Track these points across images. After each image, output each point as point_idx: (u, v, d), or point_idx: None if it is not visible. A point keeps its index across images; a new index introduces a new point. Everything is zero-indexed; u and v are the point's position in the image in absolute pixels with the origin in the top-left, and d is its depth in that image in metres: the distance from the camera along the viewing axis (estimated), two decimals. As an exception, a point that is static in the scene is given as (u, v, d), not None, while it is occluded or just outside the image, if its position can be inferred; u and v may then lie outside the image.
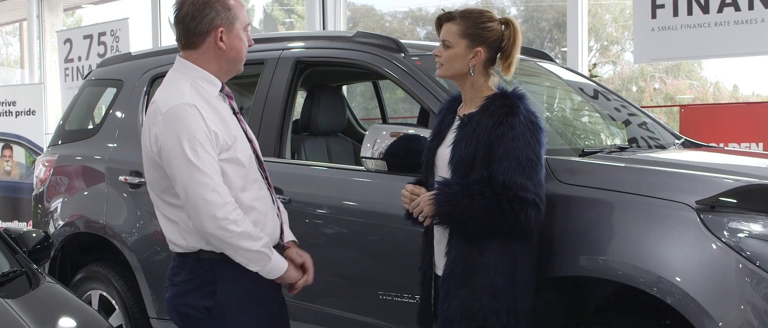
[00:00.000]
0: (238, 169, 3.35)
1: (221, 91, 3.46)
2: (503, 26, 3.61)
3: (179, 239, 3.38)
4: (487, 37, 3.58)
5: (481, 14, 3.62)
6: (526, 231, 3.43)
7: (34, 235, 4.34)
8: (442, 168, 3.60)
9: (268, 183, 3.55)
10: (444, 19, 3.66)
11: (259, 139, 4.78)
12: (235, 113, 3.49)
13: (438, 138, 3.70)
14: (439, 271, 3.61)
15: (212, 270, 3.35)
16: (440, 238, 3.64)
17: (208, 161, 3.21)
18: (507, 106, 3.46)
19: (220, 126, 3.31)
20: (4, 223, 11.14)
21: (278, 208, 3.60)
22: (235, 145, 3.34)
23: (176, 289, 3.42)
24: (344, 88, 6.82)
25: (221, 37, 3.36)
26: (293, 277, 3.46)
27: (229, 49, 3.39)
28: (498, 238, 3.45)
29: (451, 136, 3.60)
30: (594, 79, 6.21)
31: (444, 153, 3.60)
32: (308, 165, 4.95)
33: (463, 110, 3.64)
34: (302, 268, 3.52)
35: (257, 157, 3.51)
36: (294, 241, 3.65)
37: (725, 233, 3.28)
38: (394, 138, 4.01)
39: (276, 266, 3.36)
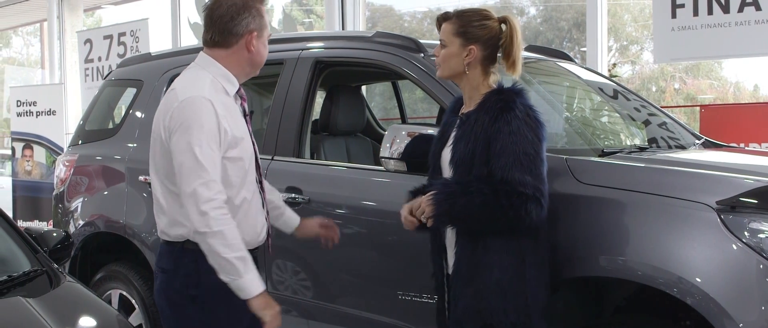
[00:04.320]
0: (239, 168, 3.46)
1: (237, 92, 3.57)
2: (501, 24, 3.60)
3: (168, 227, 3.47)
4: (481, 35, 3.58)
5: (476, 13, 3.62)
6: (530, 227, 3.41)
7: (54, 234, 4.36)
8: (446, 169, 3.60)
9: (261, 186, 3.66)
10: (442, 19, 3.69)
11: (279, 138, 4.81)
12: (244, 115, 3.60)
13: (442, 139, 3.70)
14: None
15: (195, 261, 3.40)
16: (451, 238, 3.64)
17: (209, 155, 3.31)
18: (502, 102, 3.45)
19: (231, 124, 3.42)
20: (25, 222, 11.20)
21: (267, 212, 3.71)
22: (241, 144, 3.46)
23: (164, 276, 3.52)
24: (363, 88, 6.82)
25: (251, 41, 3.50)
26: (259, 306, 3.37)
27: (256, 54, 3.53)
28: (503, 235, 3.43)
29: (452, 136, 3.60)
30: (613, 79, 6.19)
31: (446, 153, 3.61)
32: (327, 165, 4.96)
33: (464, 110, 3.64)
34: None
35: (256, 160, 3.63)
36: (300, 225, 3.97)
37: (746, 233, 3.26)
38: (411, 138, 4.01)
39: (246, 286, 3.34)
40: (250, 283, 3.33)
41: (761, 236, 3.24)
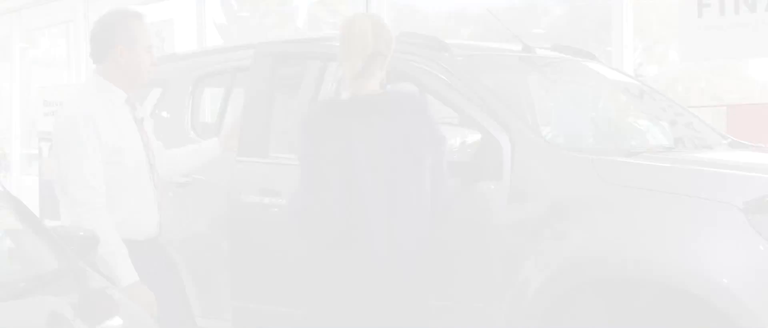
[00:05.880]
0: (121, 170, 3.94)
1: (127, 100, 4.05)
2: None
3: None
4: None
5: None
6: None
7: (80, 233, 4.38)
8: None
9: (154, 185, 4.18)
10: None
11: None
12: (136, 121, 4.08)
13: None
14: None
15: None
16: None
17: (86, 162, 3.83)
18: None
19: (111, 133, 3.90)
20: (51, 221, 11.24)
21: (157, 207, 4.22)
22: (123, 150, 3.94)
23: None
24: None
25: (122, 53, 3.98)
26: (129, 296, 3.76)
27: (129, 64, 4.02)
28: None
29: None
30: (639, 78, 6.16)
31: None
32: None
33: None
34: None
35: (150, 162, 4.12)
36: None
37: (773, 234, 3.25)
38: None
39: (117, 278, 3.85)
40: (120, 276, 3.85)
41: (788, 237, 3.22)
